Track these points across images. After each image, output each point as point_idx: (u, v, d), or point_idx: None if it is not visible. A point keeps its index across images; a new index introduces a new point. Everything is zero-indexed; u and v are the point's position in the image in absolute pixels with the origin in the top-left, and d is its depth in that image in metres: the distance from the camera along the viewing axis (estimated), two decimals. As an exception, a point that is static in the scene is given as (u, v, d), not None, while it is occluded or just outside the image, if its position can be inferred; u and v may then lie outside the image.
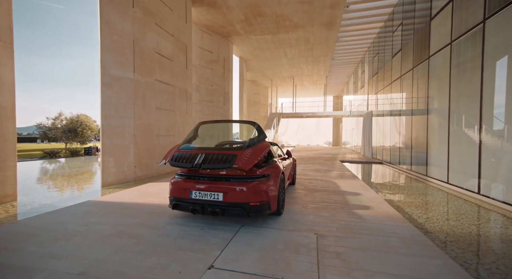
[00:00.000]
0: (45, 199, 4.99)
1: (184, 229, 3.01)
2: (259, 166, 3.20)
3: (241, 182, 2.93)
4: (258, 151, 3.00)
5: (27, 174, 8.80)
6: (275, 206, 3.24)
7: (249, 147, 3.04)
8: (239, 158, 2.79)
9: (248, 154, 2.89)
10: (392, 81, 10.67)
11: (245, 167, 2.72)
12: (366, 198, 4.58)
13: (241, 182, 2.93)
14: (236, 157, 2.81)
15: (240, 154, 2.87)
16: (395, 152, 10.24)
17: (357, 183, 6.01)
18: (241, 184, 2.92)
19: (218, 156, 2.87)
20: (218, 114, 13.57)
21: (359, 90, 18.92)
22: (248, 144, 3.10)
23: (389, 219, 3.39)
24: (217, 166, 2.79)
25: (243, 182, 2.94)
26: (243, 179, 2.95)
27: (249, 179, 2.97)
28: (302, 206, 4.03)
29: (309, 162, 10.89)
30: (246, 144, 3.09)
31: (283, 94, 32.15)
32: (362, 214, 3.59)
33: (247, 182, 2.94)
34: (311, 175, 7.31)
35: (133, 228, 3.01)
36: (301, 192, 4.99)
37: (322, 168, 9.00)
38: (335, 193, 4.93)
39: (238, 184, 2.91)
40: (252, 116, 24.60)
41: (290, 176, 5.25)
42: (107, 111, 6.18)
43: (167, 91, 8.30)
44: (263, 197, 3.00)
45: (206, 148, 3.20)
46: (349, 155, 15.77)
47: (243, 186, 2.90)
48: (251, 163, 2.79)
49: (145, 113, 7.25)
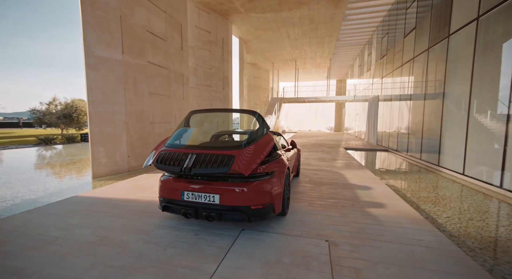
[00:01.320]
0: (30, 193, 4.63)
1: (176, 234, 2.63)
2: (262, 162, 2.76)
3: (240, 182, 2.51)
4: (260, 149, 2.54)
5: (16, 163, 8.44)
6: (280, 207, 2.84)
7: (249, 144, 2.58)
8: (237, 160, 2.34)
9: (248, 154, 2.43)
10: (403, 63, 9.94)
11: (245, 172, 2.28)
12: (378, 192, 4.19)
13: (241, 182, 2.51)
14: (233, 159, 2.35)
15: (238, 154, 2.41)
16: (403, 139, 9.77)
17: (365, 174, 5.62)
18: (240, 184, 2.49)
19: (211, 158, 2.41)
20: (217, 99, 12.96)
21: (365, 74, 18.06)
22: (247, 140, 2.63)
23: (408, 220, 3.01)
24: (210, 170, 2.34)
25: (243, 182, 2.51)
26: (243, 179, 2.52)
27: (250, 178, 2.54)
28: (308, 203, 3.65)
29: (312, 150, 10.48)
30: (245, 141, 2.62)
31: (284, 78, 31.11)
32: (377, 214, 3.20)
33: (247, 182, 2.52)
34: (316, 165, 6.91)
35: (118, 233, 2.63)
36: (307, 186, 4.60)
37: (326, 156, 8.60)
38: (344, 187, 4.54)
39: (237, 185, 2.49)
40: (252, 101, 23.88)
41: (295, 168, 4.84)
42: (94, 96, 5.64)
43: (161, 75, 7.69)
44: (267, 199, 2.59)
45: (198, 146, 2.73)
46: (353, 141, 15.33)
47: (243, 186, 2.48)
48: (252, 165, 2.35)
49: (137, 98, 6.71)
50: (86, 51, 5.45)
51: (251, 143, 2.59)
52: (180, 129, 3.03)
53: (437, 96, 7.03)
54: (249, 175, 2.53)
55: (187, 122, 3.20)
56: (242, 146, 2.54)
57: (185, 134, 3.10)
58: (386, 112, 12.41)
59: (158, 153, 2.64)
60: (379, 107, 13.55)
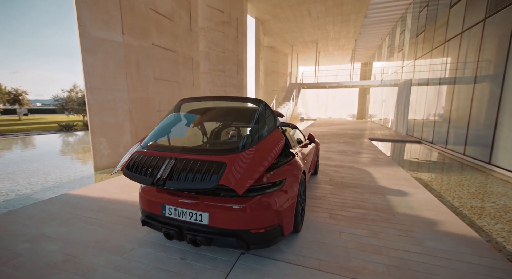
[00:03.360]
0: (28, 186, 4.39)
1: (158, 257, 2.09)
2: (269, 168, 2.07)
3: (237, 197, 1.85)
4: (264, 153, 1.84)
5: (28, 152, 8.53)
6: (291, 225, 2.17)
7: (249, 145, 1.87)
8: (228, 171, 1.66)
9: (247, 160, 1.74)
10: (447, 39, 8.41)
11: (239, 188, 1.60)
12: (417, 200, 3.35)
13: (238, 197, 1.85)
14: (223, 168, 1.68)
15: (231, 161, 1.72)
16: (440, 129, 8.48)
17: (397, 174, 4.73)
18: (237, 200, 1.84)
19: (194, 166, 1.75)
20: (230, 85, 12.23)
21: (396, 55, 16.18)
22: (247, 140, 1.93)
23: (467, 246, 2.20)
24: (189, 185, 1.68)
25: (241, 196, 1.85)
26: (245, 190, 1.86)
27: (251, 191, 1.87)
28: (328, 214, 2.94)
29: (333, 140, 9.54)
30: (243, 141, 1.91)
31: (304, 62, 29.35)
32: (421, 235, 2.42)
33: (247, 196, 1.85)
34: (337, 159, 6.08)
35: (90, 251, 2.14)
36: (326, 188, 3.86)
37: (349, 149, 7.68)
38: (372, 191, 3.74)
39: (232, 200, 1.84)
40: (270, 87, 22.82)
41: (313, 166, 4.10)
42: (93, 82, 5.20)
43: (167, 58, 7.09)
44: (273, 219, 1.93)
45: (181, 148, 2.04)
46: (378, 131, 14.01)
47: (240, 203, 1.82)
48: (250, 178, 1.66)
49: (141, 84, 6.20)
50: (81, 32, 4.95)
51: (252, 144, 1.89)
52: (164, 123, 2.40)
53: (494, 78, 5.72)
54: (250, 187, 1.86)
55: (177, 115, 2.56)
56: (240, 148, 1.85)
57: (173, 129, 2.47)
58: (420, 98, 10.94)
59: (130, 156, 2.05)
60: (411, 92, 12.03)
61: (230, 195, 1.86)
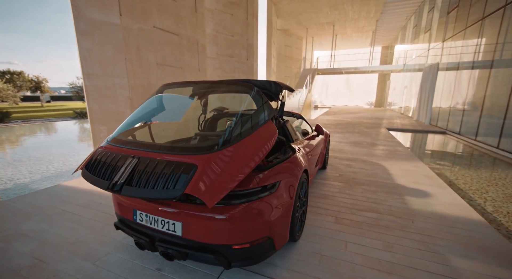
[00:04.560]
0: (28, 175, 4.35)
1: (132, 265, 1.84)
2: (260, 167, 1.70)
3: (217, 206, 1.51)
4: (247, 155, 1.47)
5: (39, 138, 8.69)
6: (285, 237, 1.83)
7: (230, 142, 1.49)
8: (198, 176, 1.29)
9: (223, 164, 1.37)
10: (484, 15, 7.32)
11: (208, 200, 1.24)
12: (441, 203, 2.88)
13: (217, 205, 1.51)
14: (193, 172, 1.32)
15: (204, 163, 1.35)
16: (471, 118, 7.61)
17: (418, 170, 4.20)
18: (216, 208, 1.50)
19: (158, 168, 1.39)
20: (240, 71, 11.72)
21: (422, 36, 14.72)
22: (229, 135, 1.55)
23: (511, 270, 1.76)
24: (147, 193, 1.33)
25: (221, 205, 1.51)
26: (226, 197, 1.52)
27: (235, 198, 1.52)
28: (334, 218, 2.56)
29: (347, 130, 8.93)
30: (223, 137, 1.53)
31: (320, 46, 27.83)
32: (451, 252, 1.99)
33: (229, 204, 1.51)
34: (350, 151, 5.58)
35: (60, 255, 1.93)
36: (335, 186, 3.45)
37: (364, 140, 7.10)
38: (388, 190, 3.29)
39: (210, 209, 1.50)
40: (282, 73, 21.93)
41: (320, 160, 3.69)
42: (90, 68, 4.97)
43: (170, 42, 6.71)
44: (261, 232, 1.59)
45: (149, 144, 1.68)
46: (398, 120, 13.07)
47: (220, 212, 1.48)
48: (224, 189, 1.30)
49: (142, 70, 5.92)
50: (75, 14, 4.66)
51: (236, 140, 1.52)
52: (140, 112, 2.07)
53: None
54: (232, 193, 1.52)
55: (159, 100, 2.23)
56: (218, 146, 1.48)
57: (153, 118, 2.14)
58: (448, 83, 9.89)
59: (93, 152, 1.75)
60: (437, 77, 10.92)
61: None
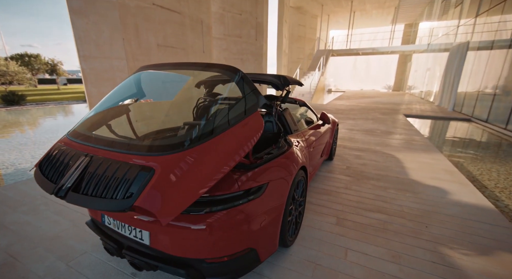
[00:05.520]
0: (30, 160, 4.37)
1: (106, 269, 1.69)
2: (245, 166, 1.43)
3: (189, 214, 1.26)
4: (221, 156, 1.20)
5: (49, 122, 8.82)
6: (273, 246, 1.60)
7: (203, 139, 1.21)
8: (154, 185, 1.02)
9: (188, 168, 1.10)
10: (531, -16, 6.27)
11: (162, 217, 0.98)
12: (463, 204, 2.52)
13: (190, 214, 1.26)
14: (148, 178, 1.04)
15: (164, 167, 1.08)
16: (502, 104, 6.85)
17: (437, 162, 3.78)
18: (188, 217, 1.26)
19: (110, 171, 1.13)
20: (248, 52, 11.14)
21: (451, 11, 13.24)
22: (198, 132, 1.26)
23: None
24: (91, 203, 1.08)
25: (195, 212, 1.26)
26: (199, 204, 1.27)
27: (210, 204, 1.27)
28: (336, 218, 2.29)
29: (360, 117, 8.38)
30: (194, 133, 1.26)
31: (336, 24, 26.04)
32: (475, 269, 1.69)
33: (202, 212, 1.26)
34: (361, 140, 5.17)
35: (37, 253, 1.82)
36: (341, 180, 3.15)
37: (378, 127, 6.60)
38: (400, 187, 2.95)
39: (181, 217, 1.26)
40: (295, 54, 20.87)
41: (326, 151, 3.37)
42: (86, 50, 4.75)
43: (172, 21, 6.31)
44: (242, 243, 1.35)
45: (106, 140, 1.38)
46: (417, 105, 12.18)
47: (192, 221, 1.25)
48: (184, 202, 1.05)
49: (142, 52, 5.63)
50: (66, -10, 4.36)
51: (209, 137, 1.24)
52: (113, 96, 1.82)
53: None
54: (208, 198, 1.27)
55: (137, 84, 1.96)
56: (186, 143, 1.20)
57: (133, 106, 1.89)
58: (478, 64, 8.91)
59: (50, 148, 1.53)
60: (466, 58, 9.86)
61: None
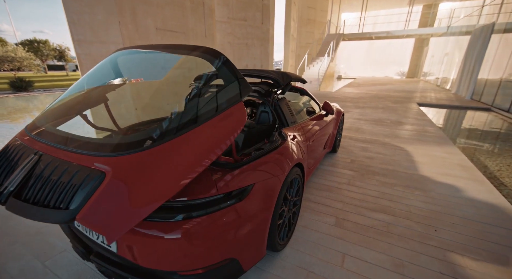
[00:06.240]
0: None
1: (81, 270, 1.59)
2: (227, 165, 1.25)
3: (161, 221, 1.10)
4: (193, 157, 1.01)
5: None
6: (260, 252, 1.44)
7: (164, 138, 1.00)
8: (102, 194, 0.84)
9: (147, 171, 0.91)
10: None
11: (107, 234, 0.81)
12: (477, 204, 2.28)
13: (162, 221, 1.10)
14: (96, 185, 0.86)
15: (117, 172, 0.89)
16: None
17: (451, 156, 3.49)
18: (159, 224, 1.09)
19: (56, 174, 0.94)
20: (253, 36, 10.66)
21: (476, -11, 12.13)
22: (166, 127, 1.04)
23: None
24: (30, 213, 0.90)
25: (167, 219, 1.09)
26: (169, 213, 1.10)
27: (184, 210, 1.11)
28: (335, 217, 2.11)
29: (369, 105, 7.97)
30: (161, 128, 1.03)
31: (349, 6, 24.58)
32: (481, 281, 1.49)
33: (176, 220, 1.10)
34: (368, 131, 4.88)
35: (14, 250, 1.74)
36: (343, 175, 2.93)
37: (388, 117, 6.24)
38: (408, 183, 2.71)
39: (151, 224, 1.09)
40: (304, 39, 19.97)
41: (329, 143, 3.14)
42: (81, 34, 4.55)
43: (171, 3, 5.98)
44: (221, 253, 1.19)
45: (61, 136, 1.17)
46: (432, 93, 11.53)
47: (163, 229, 1.08)
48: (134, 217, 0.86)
49: (140, 36, 5.39)
50: (56, -31, 4.10)
51: (179, 132, 1.04)
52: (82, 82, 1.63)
53: None
54: (181, 203, 1.11)
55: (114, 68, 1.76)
56: (149, 141, 1.01)
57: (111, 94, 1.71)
58: (502, 49, 8.19)
59: (6, 144, 1.37)
60: (490, 41, 9.09)
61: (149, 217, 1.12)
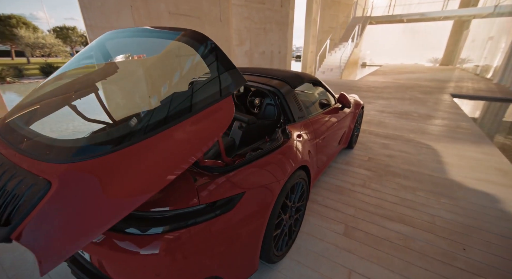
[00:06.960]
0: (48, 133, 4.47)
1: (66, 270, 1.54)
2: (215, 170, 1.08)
3: (135, 234, 0.95)
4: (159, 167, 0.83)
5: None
6: (251, 267, 1.28)
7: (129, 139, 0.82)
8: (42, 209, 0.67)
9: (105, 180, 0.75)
10: None
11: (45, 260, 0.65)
12: (521, 222, 1.92)
13: (136, 235, 0.95)
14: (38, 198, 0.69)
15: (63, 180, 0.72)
16: None
17: (487, 158, 3.04)
18: (132, 238, 0.95)
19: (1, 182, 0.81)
20: (272, 21, 10.11)
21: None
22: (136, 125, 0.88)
23: None
24: None
25: (142, 234, 0.95)
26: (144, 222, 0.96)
27: (160, 223, 0.95)
28: (344, 225, 1.88)
29: (396, 96, 7.32)
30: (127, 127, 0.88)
31: (379, -14, 22.46)
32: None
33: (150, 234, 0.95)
34: (391, 126, 4.44)
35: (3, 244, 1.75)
36: (358, 175, 2.65)
37: (415, 109, 5.66)
38: (433, 189, 2.37)
39: (124, 237, 0.96)
40: (327, 23, 18.73)
41: (345, 139, 2.85)
42: (92, 19, 4.50)
43: (184, -15, 5.71)
44: (203, 272, 1.04)
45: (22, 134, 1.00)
46: (469, 83, 10.37)
47: (137, 244, 0.94)
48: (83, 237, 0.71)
49: (152, 21, 5.24)
50: (66, -50, 3.99)
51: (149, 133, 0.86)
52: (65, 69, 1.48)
53: None
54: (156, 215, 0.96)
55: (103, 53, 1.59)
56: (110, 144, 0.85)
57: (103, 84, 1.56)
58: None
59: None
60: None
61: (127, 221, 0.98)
